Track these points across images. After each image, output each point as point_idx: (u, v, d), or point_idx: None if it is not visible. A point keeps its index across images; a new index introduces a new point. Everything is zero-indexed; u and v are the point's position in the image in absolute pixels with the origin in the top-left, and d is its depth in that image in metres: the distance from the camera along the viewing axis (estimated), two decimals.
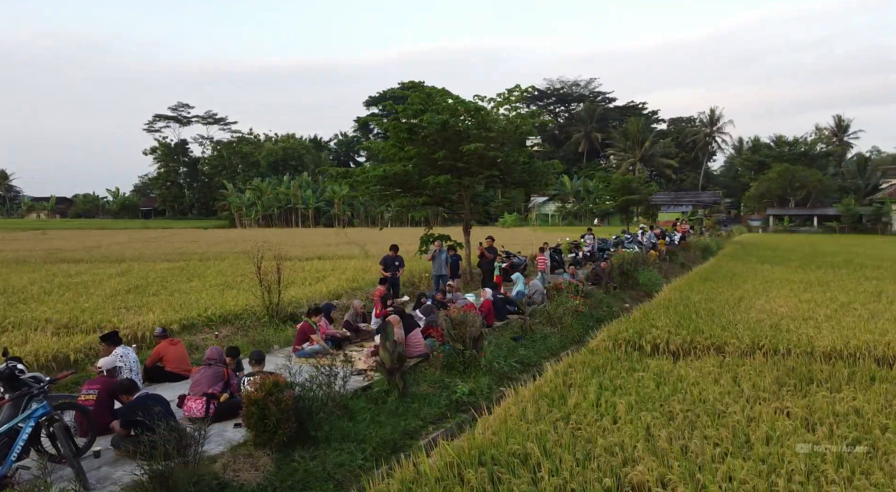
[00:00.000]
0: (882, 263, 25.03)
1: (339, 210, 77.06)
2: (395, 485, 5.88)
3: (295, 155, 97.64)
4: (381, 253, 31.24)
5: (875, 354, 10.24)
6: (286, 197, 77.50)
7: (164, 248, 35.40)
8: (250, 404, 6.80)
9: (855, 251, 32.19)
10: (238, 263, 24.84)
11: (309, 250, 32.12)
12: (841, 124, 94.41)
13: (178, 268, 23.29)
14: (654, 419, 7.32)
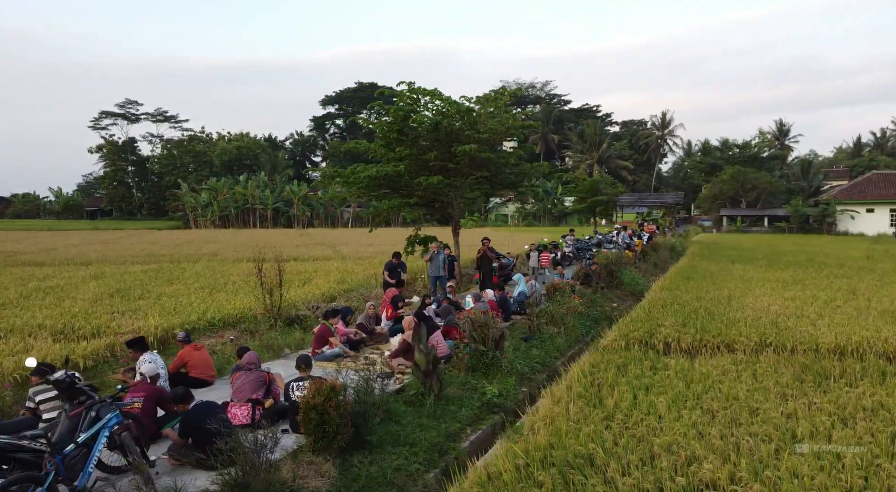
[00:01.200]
0: (843, 262, 26.14)
1: (298, 211, 75.94)
2: (476, 489, 5.87)
3: (250, 154, 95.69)
4: (353, 254, 31.17)
5: (876, 349, 10.70)
6: (243, 197, 75.95)
7: (125, 250, 34.25)
8: (308, 409, 6.69)
9: (811, 250, 33.52)
10: (213, 266, 24.34)
11: (281, 252, 31.56)
12: (782, 128, 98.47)
13: (152, 270, 22.61)
14: (698, 417, 7.52)
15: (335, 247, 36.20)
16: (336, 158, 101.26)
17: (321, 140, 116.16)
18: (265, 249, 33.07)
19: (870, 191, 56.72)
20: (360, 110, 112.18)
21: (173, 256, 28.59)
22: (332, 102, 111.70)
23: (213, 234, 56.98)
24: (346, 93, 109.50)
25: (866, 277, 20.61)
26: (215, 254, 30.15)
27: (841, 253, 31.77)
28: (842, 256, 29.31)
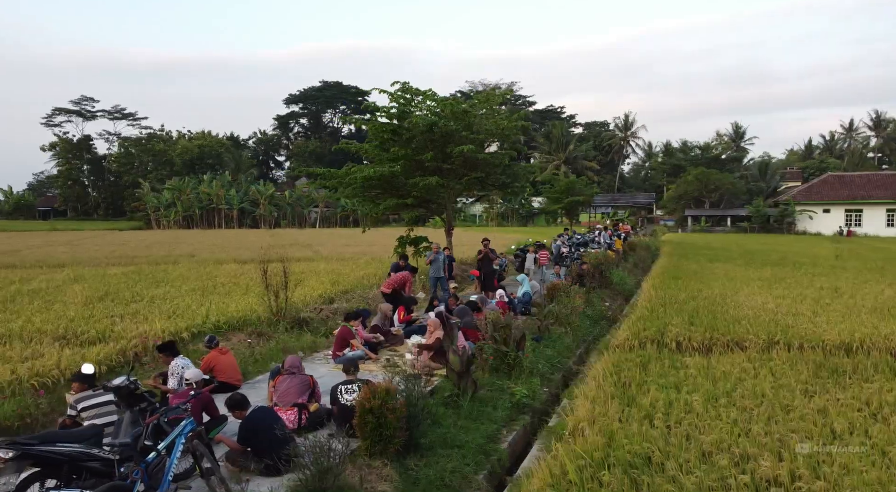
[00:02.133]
0: (814, 261, 27.00)
1: (265, 211, 74.82)
2: (549, 490, 5.90)
3: (212, 153, 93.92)
4: (333, 255, 30.90)
5: (879, 346, 11.09)
6: (208, 197, 74.44)
7: (94, 251, 33.26)
8: (364, 412, 6.64)
9: (781, 250, 34.54)
10: (195, 267, 23.84)
11: (258, 253, 31.05)
12: (738, 131, 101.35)
13: (132, 273, 22.01)
14: (737, 415, 7.70)
15: (312, 247, 35.85)
16: (301, 158, 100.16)
17: (285, 139, 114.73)
18: (241, 250, 32.63)
19: (826, 192, 58.76)
20: (326, 109, 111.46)
21: (148, 258, 27.88)
22: (296, 101, 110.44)
23: (180, 234, 55.78)
24: (310, 92, 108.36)
25: (842, 276, 21.35)
26: (192, 255, 29.53)
27: (809, 252, 32.83)
28: (811, 255, 30.28)
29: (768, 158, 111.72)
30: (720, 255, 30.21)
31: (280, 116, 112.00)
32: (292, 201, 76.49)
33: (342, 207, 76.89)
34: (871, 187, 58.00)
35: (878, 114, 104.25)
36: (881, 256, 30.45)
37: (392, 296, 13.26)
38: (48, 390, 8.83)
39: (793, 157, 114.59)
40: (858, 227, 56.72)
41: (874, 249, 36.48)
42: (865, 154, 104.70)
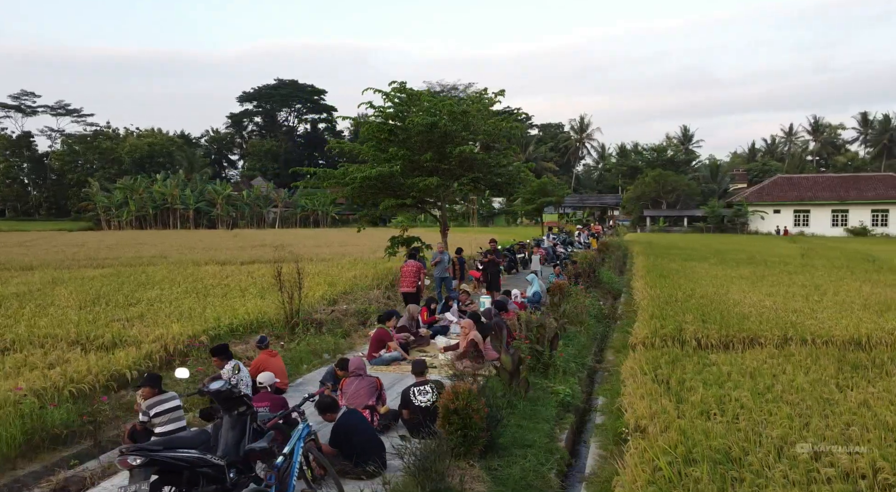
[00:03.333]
0: (783, 260, 28.07)
1: (222, 211, 73.10)
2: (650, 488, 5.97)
3: (163, 152, 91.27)
4: (311, 255, 30.43)
5: (885, 341, 11.65)
6: (162, 196, 72.24)
7: (54, 253, 31.96)
8: (449, 413, 6.63)
9: (744, 248, 35.77)
10: (175, 269, 23.18)
11: (232, 254, 30.44)
12: (686, 134, 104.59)
13: (111, 275, 21.24)
14: (789, 409, 7.97)
15: (284, 248, 35.16)
16: (256, 157, 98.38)
17: (239, 138, 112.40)
18: (213, 251, 31.85)
19: (776, 193, 61.14)
20: (281, 108, 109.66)
21: (119, 260, 26.92)
22: (250, 99, 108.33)
23: (137, 235, 54.08)
24: (265, 89, 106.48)
25: (816, 274, 22.27)
26: (164, 256, 28.67)
27: (772, 251, 34.11)
28: (776, 254, 31.48)
29: (714, 160, 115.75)
30: (692, 254, 31.08)
31: (233, 115, 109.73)
32: (250, 201, 74.96)
33: (302, 208, 75.90)
34: (817, 189, 60.63)
35: (816, 119, 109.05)
36: (839, 254, 31.85)
37: (414, 295, 13.20)
38: (84, 397, 8.50)
39: (737, 159, 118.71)
40: (806, 226, 59.22)
41: (829, 247, 38.12)
42: (804, 157, 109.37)
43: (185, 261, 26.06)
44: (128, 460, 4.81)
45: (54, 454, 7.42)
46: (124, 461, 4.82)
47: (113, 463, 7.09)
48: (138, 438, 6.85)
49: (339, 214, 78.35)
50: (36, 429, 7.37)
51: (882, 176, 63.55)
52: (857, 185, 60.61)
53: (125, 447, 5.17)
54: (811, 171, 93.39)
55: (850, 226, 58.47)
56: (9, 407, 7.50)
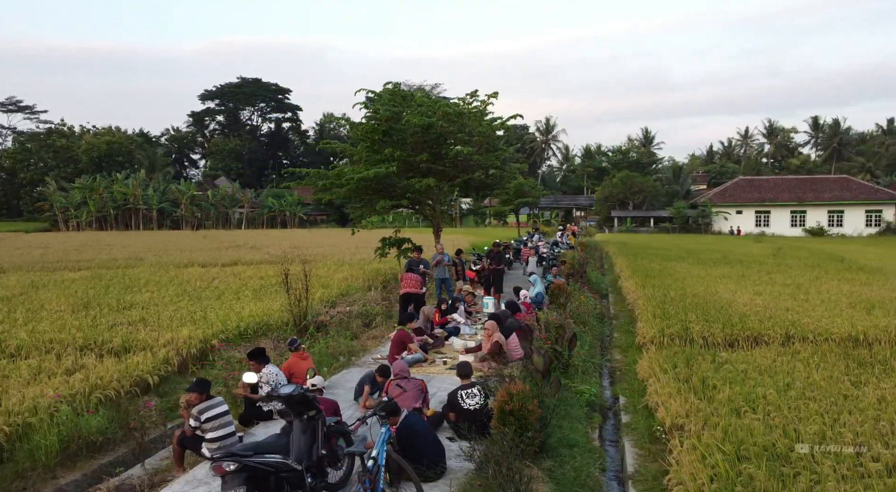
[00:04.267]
0: (757, 259, 28.83)
1: (186, 211, 71.54)
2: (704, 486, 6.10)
3: (122, 150, 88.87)
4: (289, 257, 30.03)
5: (881, 338, 12.10)
6: (123, 197, 70.31)
7: (19, 255, 30.85)
8: (505, 414, 6.69)
9: (715, 248, 36.66)
10: (158, 271, 22.69)
11: (211, 256, 29.86)
12: (647, 135, 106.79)
13: (93, 278, 20.64)
14: (817, 406, 8.22)
15: (260, 249, 34.69)
16: (219, 157, 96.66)
17: (200, 137, 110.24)
18: (189, 253, 31.18)
19: (739, 195, 62.84)
20: (244, 106, 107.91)
21: (95, 263, 26.13)
22: (212, 97, 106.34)
23: (100, 236, 52.59)
24: (227, 88, 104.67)
25: (792, 273, 22.95)
26: (140, 259, 27.94)
27: (742, 250, 35.04)
28: (748, 253, 32.35)
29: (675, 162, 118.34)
30: (667, 254, 31.70)
31: (195, 113, 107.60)
32: (215, 201, 73.59)
33: (268, 208, 74.91)
34: (777, 191, 62.53)
35: (770, 123, 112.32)
36: (808, 254, 32.86)
37: (420, 297, 13.19)
38: (111, 403, 8.30)
39: (695, 161, 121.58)
40: (767, 227, 61.01)
41: (796, 247, 39.26)
42: (760, 159, 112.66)
43: (164, 263, 25.46)
44: (223, 466, 4.73)
45: (92, 462, 7.23)
46: (219, 468, 4.75)
47: (159, 469, 6.96)
48: (188, 443, 6.73)
49: (307, 214, 77.61)
50: (72, 436, 7.16)
51: (837, 178, 65.87)
52: (814, 187, 62.71)
53: (217, 453, 5.07)
54: (767, 172, 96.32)
55: (807, 226, 60.45)
56: (41, 414, 7.28)
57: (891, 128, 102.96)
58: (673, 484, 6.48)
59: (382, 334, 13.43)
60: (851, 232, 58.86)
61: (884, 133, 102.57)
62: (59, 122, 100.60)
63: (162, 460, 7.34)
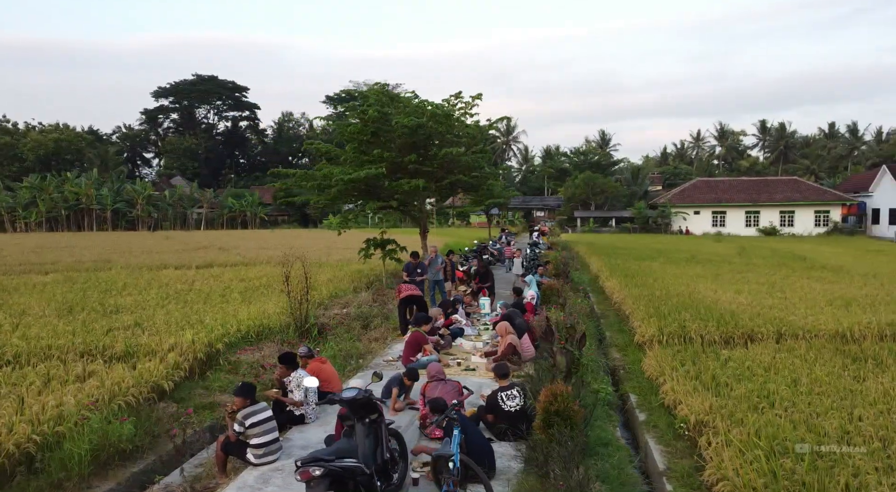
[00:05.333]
0: (724, 258, 29.71)
1: (142, 212, 69.47)
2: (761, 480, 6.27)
3: (71, 148, 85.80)
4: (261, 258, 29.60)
5: (866, 334, 12.63)
6: (76, 197, 67.84)
7: None
8: (550, 415, 6.78)
9: (680, 248, 37.59)
10: (133, 274, 22.07)
11: (183, 257, 29.15)
12: (604, 137, 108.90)
13: (65, 281, 19.95)
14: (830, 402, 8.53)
15: (229, 251, 34.03)
16: (175, 156, 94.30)
17: (154, 135, 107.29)
18: (156, 255, 30.39)
19: (696, 196, 64.56)
20: (200, 104, 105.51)
21: (62, 266, 25.21)
22: (166, 94, 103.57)
23: (53, 238, 50.72)
24: (182, 85, 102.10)
25: (763, 272, 23.72)
26: (107, 261, 27.08)
27: (708, 250, 36.03)
28: (714, 253, 33.30)
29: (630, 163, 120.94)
30: (637, 253, 32.38)
31: (148, 110, 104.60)
32: (173, 202, 71.74)
33: (229, 208, 73.45)
34: (733, 191, 64.48)
35: (721, 126, 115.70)
36: (769, 253, 34.00)
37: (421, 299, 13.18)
38: (131, 410, 8.08)
39: (649, 162, 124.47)
40: (723, 227, 62.85)
41: (756, 247, 40.53)
42: (711, 161, 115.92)
43: (135, 266, 24.76)
44: (309, 471, 4.68)
45: (124, 470, 7.03)
46: (306, 473, 4.70)
47: (198, 476, 6.82)
48: (232, 450, 6.61)
49: (268, 214, 76.38)
50: (103, 445, 6.96)
51: (787, 180, 68.27)
52: (767, 188, 64.88)
53: (300, 459, 5.00)
54: (719, 174, 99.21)
55: (761, 226, 62.50)
56: (69, 422, 7.06)
57: (832, 131, 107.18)
58: (714, 480, 6.65)
59: (383, 336, 13.38)
60: (802, 231, 61.08)
61: (826, 137, 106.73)
62: (2, 118, 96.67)
63: (196, 466, 7.19)
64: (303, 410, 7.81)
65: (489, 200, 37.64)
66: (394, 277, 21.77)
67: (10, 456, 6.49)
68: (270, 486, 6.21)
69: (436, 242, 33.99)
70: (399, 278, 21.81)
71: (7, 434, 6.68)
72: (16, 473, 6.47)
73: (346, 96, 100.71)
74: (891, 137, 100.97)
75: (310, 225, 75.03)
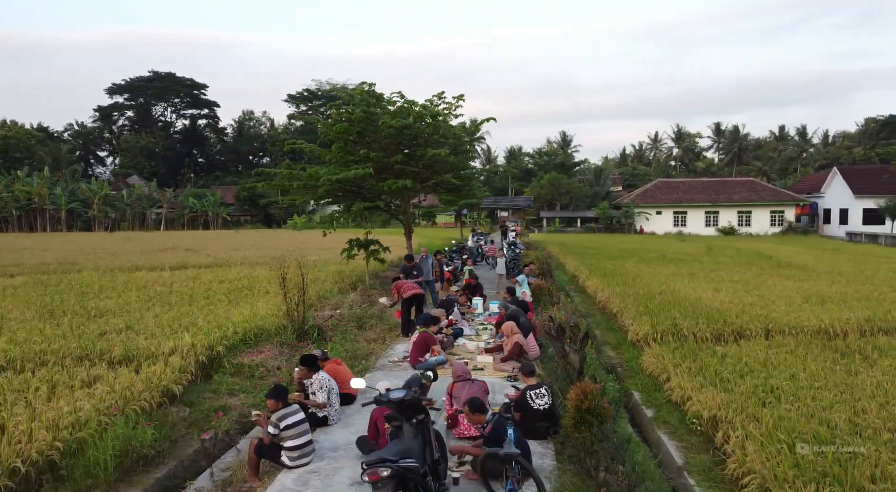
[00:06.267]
0: (695, 257, 30.38)
1: (99, 212, 67.38)
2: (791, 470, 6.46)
3: (20, 146, 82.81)
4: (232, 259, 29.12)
5: (845, 330, 13.12)
6: (27, 196, 65.40)
7: None
8: (583, 412, 6.89)
9: (647, 247, 38.33)
10: (107, 277, 21.41)
11: (151, 259, 28.45)
12: (565, 138, 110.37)
13: (35, 284, 19.30)
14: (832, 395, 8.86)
15: (198, 252, 33.32)
16: (131, 154, 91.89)
17: (108, 133, 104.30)
18: (124, 256, 29.59)
19: (658, 196, 65.98)
20: (157, 102, 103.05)
21: (27, 268, 24.32)
22: (121, 91, 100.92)
23: (7, 239, 48.95)
24: (138, 81, 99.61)
25: (734, 270, 24.37)
26: (73, 263, 26.24)
27: (676, 249, 36.82)
28: (683, 252, 34.06)
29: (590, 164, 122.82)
30: (608, 253, 32.91)
31: (102, 108, 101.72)
32: (131, 201, 69.85)
33: (190, 208, 71.91)
34: (693, 192, 66.11)
35: (679, 128, 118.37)
36: (734, 252, 34.94)
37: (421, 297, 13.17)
38: (146, 415, 7.90)
39: (608, 163, 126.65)
40: (684, 227, 64.38)
41: (721, 246, 41.53)
42: (669, 162, 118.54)
43: (105, 268, 24.07)
44: (378, 472, 4.66)
45: (148, 477, 6.87)
46: (375, 474, 4.68)
47: (228, 480, 6.71)
48: (266, 453, 6.53)
49: (231, 214, 75.06)
50: (126, 450, 6.79)
51: (744, 181, 70.32)
52: (725, 189, 66.71)
53: (365, 460, 4.96)
54: (676, 175, 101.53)
55: (720, 226, 64.22)
56: (90, 428, 6.87)
57: (782, 134, 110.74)
58: (741, 473, 6.82)
59: (380, 337, 13.32)
60: (758, 231, 62.95)
61: (776, 139, 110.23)
62: None
63: (222, 470, 7.06)
64: (325, 411, 7.75)
65: (462, 201, 37.94)
66: (377, 279, 21.70)
67: (34, 464, 6.28)
68: (310, 488, 6.15)
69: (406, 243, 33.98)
70: (383, 279, 21.79)
71: (27, 442, 6.46)
72: (42, 481, 6.26)
73: (308, 95, 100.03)
74: (837, 140, 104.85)
75: (273, 225, 74.03)
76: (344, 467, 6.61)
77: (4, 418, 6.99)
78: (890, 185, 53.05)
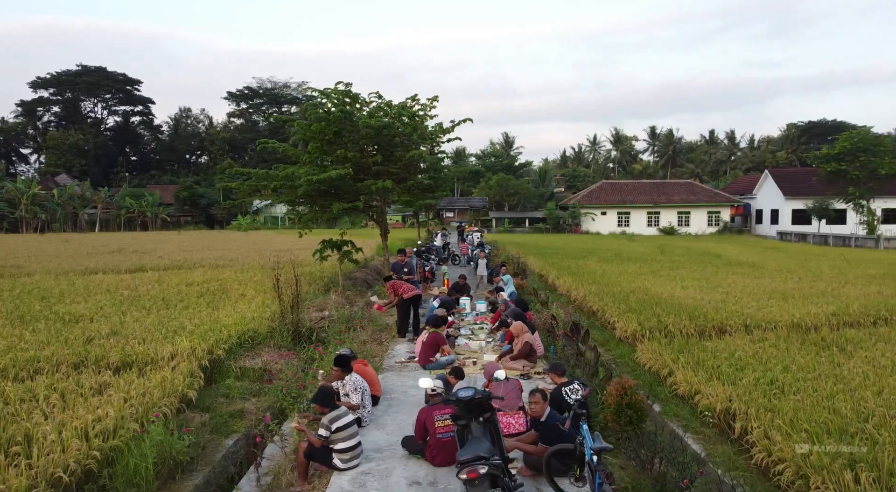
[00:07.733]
0: (651, 257, 31.31)
1: (27, 213, 63.81)
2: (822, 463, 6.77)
3: None
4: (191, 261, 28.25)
5: (815, 323, 13.83)
6: None
7: None
8: (622, 407, 7.07)
9: (600, 247, 39.28)
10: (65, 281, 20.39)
11: (101, 262, 27.27)
12: (508, 140, 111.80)
13: None
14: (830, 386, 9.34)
15: (150, 253, 32.10)
16: (59, 152, 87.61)
17: (32, 129, 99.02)
18: (54, 260, 28.21)
19: (603, 197, 67.65)
20: (86, 97, 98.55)
21: None
22: (46, 85, 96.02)
23: None
24: (65, 76, 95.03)
25: (692, 268, 25.27)
26: (19, 267, 24.88)
27: (628, 249, 37.85)
28: (637, 252, 35.04)
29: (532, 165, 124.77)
30: (567, 253, 33.52)
31: (25, 102, 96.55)
32: (63, 202, 66.53)
33: (126, 209, 69.09)
34: (636, 193, 68.10)
35: (617, 131, 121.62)
36: (685, 251, 36.19)
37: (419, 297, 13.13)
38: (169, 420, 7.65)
39: (548, 165, 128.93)
40: (627, 227, 66.26)
41: (671, 245, 42.88)
42: (608, 165, 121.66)
43: (56, 271, 22.94)
44: (478, 470, 4.68)
45: (185, 483, 6.66)
46: (475, 471, 4.68)
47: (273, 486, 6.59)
48: (316, 456, 6.43)
49: (170, 215, 72.55)
50: (163, 457, 6.57)
51: (683, 183, 72.95)
52: (666, 190, 69.04)
53: (461, 458, 4.94)
54: (615, 177, 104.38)
55: (661, 226, 66.40)
56: (124, 436, 6.61)
57: (712, 138, 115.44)
58: (770, 462, 7.12)
59: (373, 338, 13.22)
60: (697, 231, 65.38)
61: (707, 143, 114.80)
62: None
63: (263, 474, 6.91)
64: (359, 413, 7.67)
65: (420, 202, 37.95)
66: (350, 280, 21.49)
67: (72, 473, 6.01)
68: (369, 490, 6.09)
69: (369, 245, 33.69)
70: (356, 280, 21.59)
71: (60, 452, 6.17)
72: (84, 490, 5.99)
73: (249, 93, 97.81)
74: (762, 144, 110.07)
75: (216, 226, 72.03)
76: (395, 467, 6.58)
77: (29, 427, 6.64)
78: (817, 187, 56.06)
